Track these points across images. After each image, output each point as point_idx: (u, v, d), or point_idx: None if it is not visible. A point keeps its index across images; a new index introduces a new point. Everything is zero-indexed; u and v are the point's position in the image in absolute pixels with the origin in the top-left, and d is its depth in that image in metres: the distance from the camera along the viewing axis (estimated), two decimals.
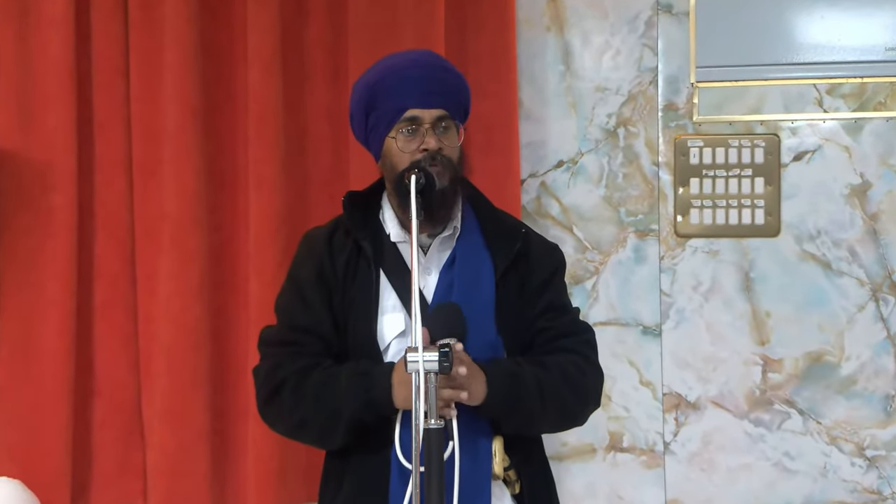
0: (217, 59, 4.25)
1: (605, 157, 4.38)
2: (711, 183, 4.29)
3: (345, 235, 2.85)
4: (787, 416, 4.33)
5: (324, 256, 2.84)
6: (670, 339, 4.36)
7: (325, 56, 4.26)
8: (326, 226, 2.92)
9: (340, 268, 2.82)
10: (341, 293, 2.82)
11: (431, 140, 2.75)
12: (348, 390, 2.70)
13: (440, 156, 2.74)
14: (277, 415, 2.81)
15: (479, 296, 2.76)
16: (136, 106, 4.24)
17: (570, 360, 2.80)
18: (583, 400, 2.83)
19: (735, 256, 4.33)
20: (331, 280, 2.83)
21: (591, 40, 4.37)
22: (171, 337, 4.18)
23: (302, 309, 2.82)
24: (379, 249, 2.82)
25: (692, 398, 4.35)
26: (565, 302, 2.93)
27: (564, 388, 2.76)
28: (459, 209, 2.85)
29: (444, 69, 2.85)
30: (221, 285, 4.26)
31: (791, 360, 4.32)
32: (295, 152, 4.24)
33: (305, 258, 2.88)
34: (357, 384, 2.69)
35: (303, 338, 2.81)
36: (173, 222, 4.19)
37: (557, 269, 2.93)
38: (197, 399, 4.19)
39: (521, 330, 2.82)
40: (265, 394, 2.81)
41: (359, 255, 2.82)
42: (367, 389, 2.68)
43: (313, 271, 2.84)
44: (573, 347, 2.84)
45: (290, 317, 2.84)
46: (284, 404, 2.77)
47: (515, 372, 2.71)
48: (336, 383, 2.71)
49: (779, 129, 4.29)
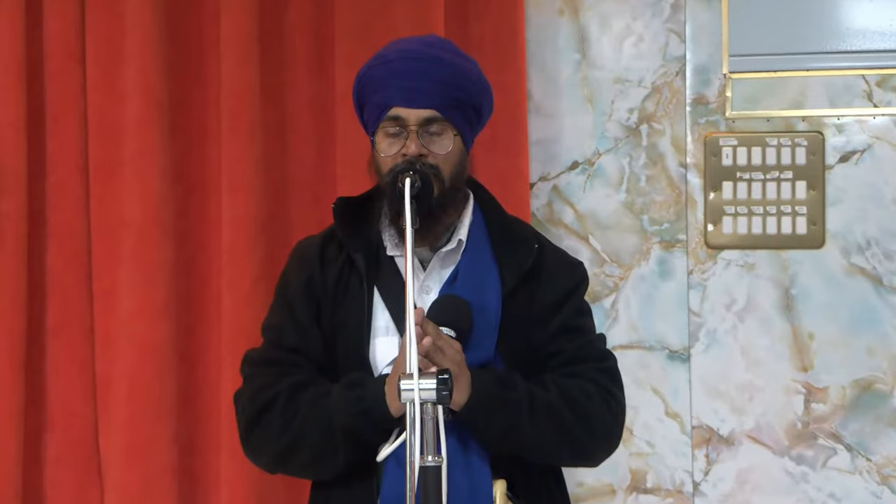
0: (185, 45, 4.24)
1: (626, 158, 4.32)
2: (746, 187, 4.25)
3: (338, 247, 2.82)
4: (833, 452, 4.26)
5: (314, 269, 2.81)
6: (700, 364, 4.29)
7: (307, 42, 4.24)
8: (319, 235, 2.89)
9: (330, 282, 2.79)
10: (330, 311, 2.79)
11: (412, 144, 2.69)
12: (340, 400, 2.67)
13: (421, 163, 2.68)
14: (265, 438, 2.75)
15: (482, 316, 2.71)
16: (94, 97, 4.21)
17: (578, 384, 2.74)
18: (589, 428, 2.74)
19: (773, 271, 4.27)
20: (319, 295, 2.80)
21: (610, 25, 4.33)
22: (132, 361, 4.15)
23: (291, 327, 2.79)
24: (373, 264, 2.78)
25: (725, 432, 4.29)
26: (582, 324, 2.85)
27: (565, 410, 2.70)
28: (464, 220, 2.81)
29: (438, 61, 2.75)
30: (190, 302, 4.24)
31: (837, 388, 4.25)
32: (274, 150, 4.21)
33: (295, 271, 2.85)
34: (349, 393, 2.67)
35: (293, 358, 2.78)
36: (135, 230, 4.16)
37: (576, 287, 2.85)
38: (162, 432, 4.15)
39: (527, 354, 2.77)
40: (251, 415, 2.76)
41: (351, 270, 2.79)
42: (361, 398, 2.66)
43: (302, 286, 2.81)
44: (586, 374, 2.76)
45: (278, 336, 2.81)
46: (274, 424, 2.72)
47: (507, 376, 2.69)
48: (330, 396, 2.70)
49: (823, 125, 4.24)
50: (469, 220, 2.81)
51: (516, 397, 2.66)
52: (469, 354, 2.64)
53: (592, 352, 2.81)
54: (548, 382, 2.72)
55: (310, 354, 2.78)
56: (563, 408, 2.70)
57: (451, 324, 2.61)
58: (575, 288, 2.84)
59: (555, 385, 2.71)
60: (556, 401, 2.70)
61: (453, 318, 2.63)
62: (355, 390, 2.67)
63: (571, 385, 2.72)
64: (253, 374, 2.80)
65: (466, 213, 2.81)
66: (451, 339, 2.61)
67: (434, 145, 2.71)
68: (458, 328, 2.63)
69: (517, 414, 2.66)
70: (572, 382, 2.73)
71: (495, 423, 2.66)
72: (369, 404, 2.64)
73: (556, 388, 2.71)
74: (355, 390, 2.67)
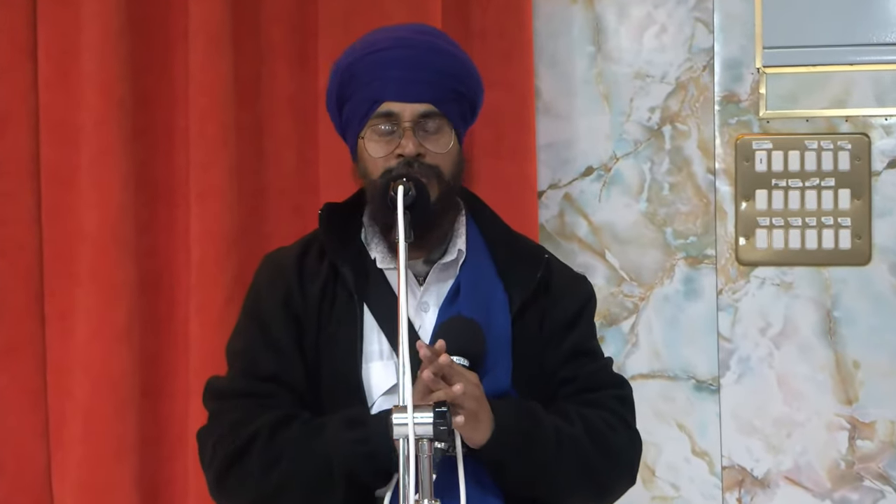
0: (149, 37, 4.15)
1: (647, 163, 4.26)
2: (783, 196, 4.19)
3: (318, 258, 2.79)
4: (881, 495, 4.17)
5: (291, 284, 2.76)
6: (731, 396, 4.23)
7: (287, 33, 4.17)
8: (293, 246, 2.85)
9: (313, 299, 2.75)
10: (314, 331, 2.74)
11: (408, 143, 2.67)
12: (339, 440, 2.62)
13: (419, 164, 2.67)
14: (243, 485, 2.69)
15: (492, 338, 2.67)
16: (47, 95, 4.12)
17: (601, 416, 2.75)
18: (613, 463, 2.75)
19: (814, 290, 4.21)
20: (301, 314, 2.75)
21: (629, 13, 4.28)
22: (89, 393, 4.05)
23: (266, 352, 2.74)
24: (362, 277, 2.75)
25: (759, 473, 4.22)
26: (594, 347, 2.87)
27: (589, 444, 2.70)
28: (459, 229, 2.81)
29: (435, 50, 2.75)
30: (154, 326, 4.15)
31: (886, 423, 4.17)
32: (249, 155, 4.14)
33: (267, 287, 2.80)
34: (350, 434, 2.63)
35: (268, 388, 2.72)
36: (93, 245, 4.05)
37: (586, 305, 2.86)
38: (122, 473, 4.04)
39: (540, 379, 2.76)
40: (224, 459, 2.68)
41: (336, 284, 2.76)
42: (365, 440, 2.61)
43: (279, 303, 2.76)
44: (602, 403, 2.77)
45: (249, 362, 2.75)
46: (252, 468, 2.66)
47: (530, 408, 2.67)
48: (322, 434, 2.65)
49: (869, 126, 4.16)
50: (465, 230, 2.80)
51: (544, 434, 2.66)
52: (483, 384, 2.60)
53: (606, 378, 2.82)
54: (571, 414, 2.72)
55: (288, 382, 2.72)
56: (588, 443, 2.70)
57: (463, 351, 2.57)
58: (585, 305, 2.85)
59: (579, 417, 2.71)
60: (581, 435, 2.70)
61: (466, 343, 2.60)
62: (356, 430, 2.62)
63: (594, 417, 2.73)
64: (222, 410, 2.73)
65: (461, 222, 2.79)
66: (465, 371, 2.57)
67: (432, 143, 2.70)
68: (471, 355, 2.59)
69: (545, 451, 2.66)
70: (594, 414, 2.74)
71: (523, 462, 2.64)
72: (374, 447, 2.60)
73: (580, 421, 2.71)
74: (356, 430, 2.62)
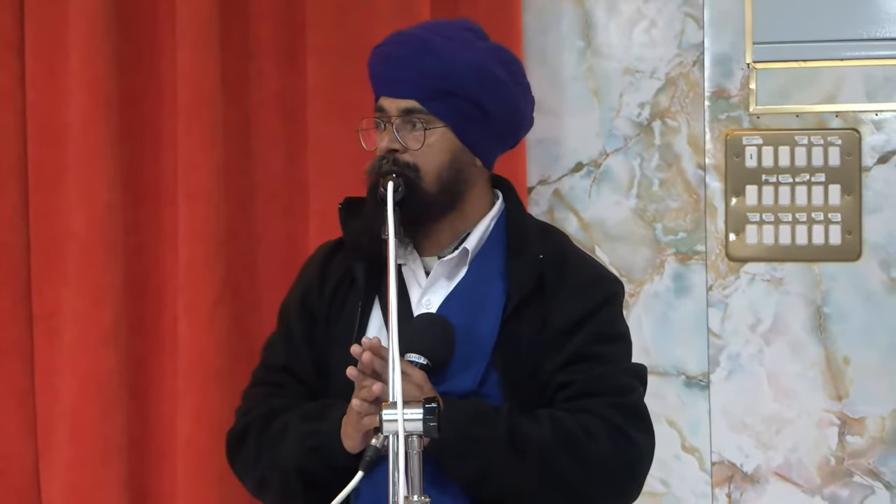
0: (137, 35, 4.16)
1: (637, 159, 4.25)
2: (773, 191, 4.20)
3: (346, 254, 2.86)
4: (871, 490, 4.17)
5: (312, 281, 2.83)
6: (721, 392, 4.21)
7: (275, 30, 4.17)
8: (336, 240, 2.89)
9: (328, 294, 2.80)
10: (323, 326, 2.79)
11: (384, 138, 2.71)
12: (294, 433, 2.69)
13: (394, 160, 2.69)
14: (244, 467, 2.81)
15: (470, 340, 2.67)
16: (33, 93, 4.13)
17: (580, 420, 2.65)
18: (589, 472, 2.66)
19: (804, 286, 4.20)
20: (315, 309, 2.81)
21: (619, 8, 4.27)
22: (76, 395, 4.05)
23: (284, 344, 2.83)
24: (375, 273, 2.73)
25: (750, 469, 4.21)
26: (601, 352, 2.75)
27: (558, 451, 2.63)
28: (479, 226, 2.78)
29: (424, 48, 2.75)
30: (142, 327, 4.16)
31: (876, 419, 4.17)
32: (237, 154, 4.13)
33: (296, 281, 2.90)
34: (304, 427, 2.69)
35: (279, 378, 2.80)
36: (80, 245, 4.06)
37: (599, 308, 2.77)
38: (109, 474, 4.04)
39: (534, 386, 2.70)
40: (233, 439, 2.82)
41: (352, 281, 2.78)
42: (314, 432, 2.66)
43: (299, 298, 2.84)
44: (593, 409, 2.67)
45: (269, 353, 2.87)
46: (248, 455, 2.77)
47: (483, 410, 2.63)
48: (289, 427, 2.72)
49: (860, 122, 4.16)
50: (487, 226, 2.77)
51: (491, 434, 2.60)
52: (446, 385, 2.60)
53: (609, 384, 2.71)
54: (541, 417, 2.65)
55: (299, 373, 2.79)
56: (555, 448, 2.63)
57: (422, 349, 2.59)
58: (597, 309, 2.75)
59: (549, 420, 2.64)
60: (547, 439, 2.63)
61: (427, 342, 2.61)
62: (312, 423, 2.68)
63: (570, 423, 2.65)
64: (247, 395, 2.85)
65: (485, 219, 2.76)
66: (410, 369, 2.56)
67: (410, 140, 2.70)
68: (431, 354, 2.59)
69: (491, 454, 2.61)
70: (573, 420, 2.66)
71: (466, 464, 2.62)
72: (321, 440, 2.64)
73: (549, 423, 2.64)
74: (312, 423, 2.68)
